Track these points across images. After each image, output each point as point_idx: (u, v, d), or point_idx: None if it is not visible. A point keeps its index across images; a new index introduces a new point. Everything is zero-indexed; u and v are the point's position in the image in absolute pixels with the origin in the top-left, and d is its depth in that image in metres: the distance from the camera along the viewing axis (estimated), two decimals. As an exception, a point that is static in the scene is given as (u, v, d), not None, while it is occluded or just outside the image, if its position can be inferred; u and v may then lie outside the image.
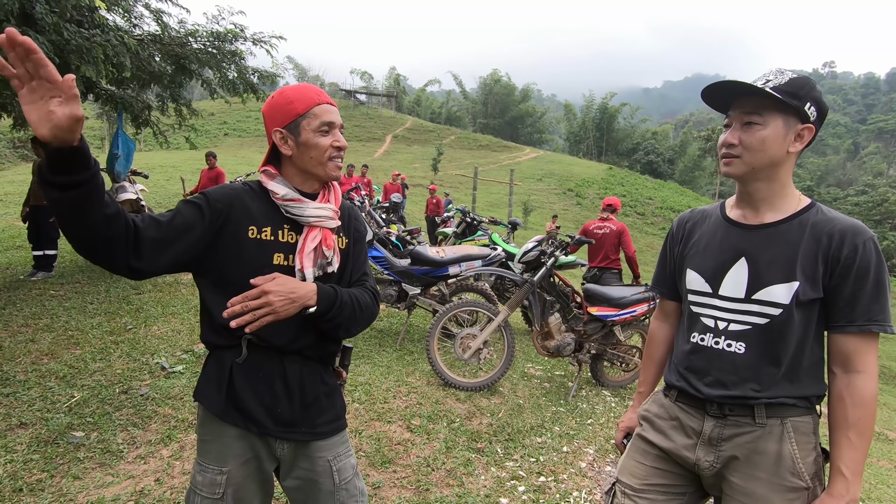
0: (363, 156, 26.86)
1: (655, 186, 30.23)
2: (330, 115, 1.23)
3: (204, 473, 1.20)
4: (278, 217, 1.23)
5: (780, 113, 1.15)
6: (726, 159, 1.22)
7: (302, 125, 1.21)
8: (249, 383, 1.20)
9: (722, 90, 1.20)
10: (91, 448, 2.49)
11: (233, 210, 1.19)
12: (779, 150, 1.16)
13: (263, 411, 1.20)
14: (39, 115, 0.85)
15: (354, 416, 3.07)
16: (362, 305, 1.28)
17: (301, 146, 1.22)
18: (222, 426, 1.21)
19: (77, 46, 3.87)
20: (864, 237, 1.13)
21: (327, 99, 1.25)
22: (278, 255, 1.21)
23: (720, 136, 1.24)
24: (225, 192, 1.21)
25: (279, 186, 1.23)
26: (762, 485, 1.18)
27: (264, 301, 1.09)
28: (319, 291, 1.18)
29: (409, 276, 4.52)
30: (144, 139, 20.33)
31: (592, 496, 2.58)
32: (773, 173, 1.20)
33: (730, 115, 1.21)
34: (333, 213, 1.27)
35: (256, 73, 6.08)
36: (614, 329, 4.07)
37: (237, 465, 1.21)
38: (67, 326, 4.03)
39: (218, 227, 1.17)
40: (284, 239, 1.22)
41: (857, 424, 1.12)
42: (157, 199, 11.64)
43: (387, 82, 55.20)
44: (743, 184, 1.24)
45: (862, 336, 1.14)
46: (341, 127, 1.27)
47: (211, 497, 1.18)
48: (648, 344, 1.54)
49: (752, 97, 1.16)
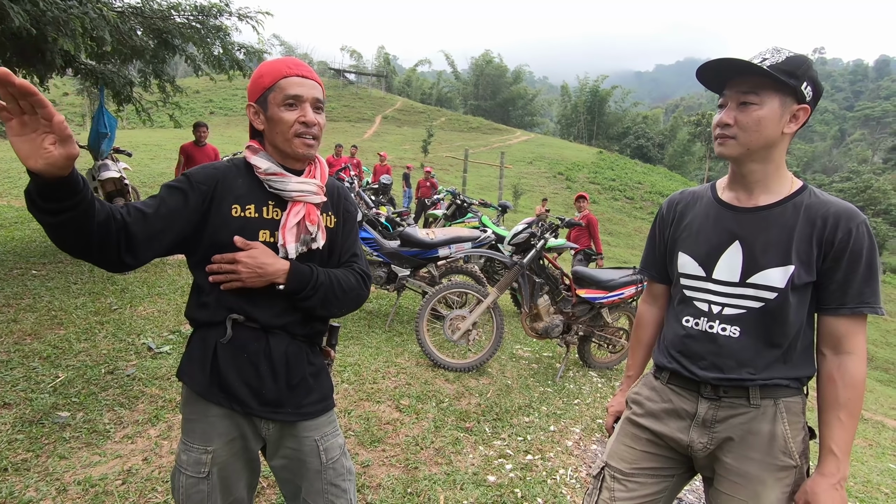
0: (352, 136, 26.54)
1: (645, 171, 30.35)
2: (296, 87, 1.17)
3: (189, 452, 1.19)
4: (262, 193, 1.21)
5: (777, 92, 1.13)
6: (721, 140, 1.19)
7: (269, 99, 1.18)
8: (234, 363, 1.18)
9: (718, 68, 1.17)
10: (77, 428, 2.47)
11: (216, 190, 1.17)
12: (774, 131, 1.15)
13: (248, 391, 1.19)
14: (31, 149, 0.83)
15: (344, 396, 3.08)
16: (344, 287, 1.26)
17: (269, 121, 1.19)
18: (207, 405, 1.20)
19: (54, 18, 3.73)
20: (857, 221, 1.13)
21: (298, 71, 1.19)
22: (263, 232, 1.19)
23: (714, 116, 1.22)
24: (207, 173, 1.18)
25: (261, 161, 1.21)
26: (755, 465, 1.19)
27: (232, 268, 1.14)
28: (292, 270, 1.18)
29: (399, 258, 4.50)
30: (127, 116, 19.87)
31: (578, 474, 2.63)
32: (767, 154, 1.18)
33: (725, 94, 1.19)
34: (318, 188, 1.24)
35: (243, 48, 5.93)
36: (602, 311, 4.11)
37: (222, 444, 1.20)
38: (51, 306, 3.96)
39: (204, 210, 1.15)
40: (269, 215, 1.20)
41: (848, 405, 1.14)
42: (140, 178, 11.44)
43: (377, 62, 54.33)
44: (737, 165, 1.22)
45: (853, 318, 1.15)
46: (316, 101, 1.20)
47: (196, 476, 1.18)
48: (637, 327, 1.53)
49: (749, 76, 1.14)
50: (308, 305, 1.22)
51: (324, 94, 1.26)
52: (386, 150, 17.21)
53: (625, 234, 19.16)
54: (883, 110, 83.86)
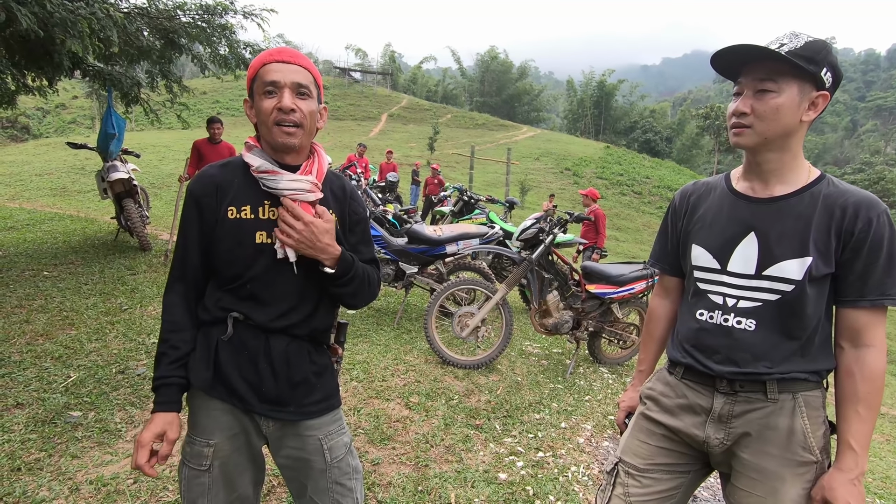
0: (358, 135, 26.55)
1: (653, 165, 30.08)
2: (274, 73, 1.12)
3: (192, 445, 1.20)
4: (258, 193, 1.18)
5: (796, 79, 1.09)
6: (737, 129, 1.16)
7: (254, 89, 1.16)
8: (234, 360, 1.18)
9: (734, 55, 1.14)
10: (89, 427, 2.49)
11: (218, 195, 1.17)
12: (793, 119, 1.11)
13: (248, 388, 1.18)
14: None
15: (353, 394, 3.07)
16: (370, 281, 1.31)
17: (256, 113, 1.17)
18: (209, 400, 1.20)
19: (61, 19, 3.74)
20: (878, 210, 1.10)
21: (279, 57, 1.14)
22: (260, 234, 1.17)
23: (730, 105, 1.18)
24: (204, 183, 1.18)
25: (254, 158, 1.18)
26: (774, 460, 1.16)
27: (292, 225, 1.12)
28: (342, 257, 1.19)
29: (407, 255, 4.49)
30: (136, 118, 20.02)
31: (590, 471, 2.61)
32: (785, 143, 1.15)
33: (740, 82, 1.15)
34: (312, 185, 1.18)
35: (248, 47, 5.93)
36: (612, 306, 4.07)
37: (224, 438, 1.20)
38: (62, 307, 4.00)
39: (212, 222, 1.17)
40: (265, 216, 1.17)
41: (867, 398, 1.11)
42: (149, 179, 11.52)
43: (382, 59, 54.28)
44: (753, 155, 1.18)
45: (873, 310, 1.12)
46: (297, 86, 1.13)
47: (198, 468, 1.18)
48: (648, 321, 1.50)
49: (766, 62, 1.10)
50: (342, 292, 1.24)
51: (317, 79, 1.20)
52: (392, 147, 17.19)
53: (633, 229, 19.01)
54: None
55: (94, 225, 7.31)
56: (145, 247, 5.89)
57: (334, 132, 28.19)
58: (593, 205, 7.17)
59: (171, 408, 1.16)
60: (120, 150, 5.92)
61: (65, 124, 30.23)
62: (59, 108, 32.30)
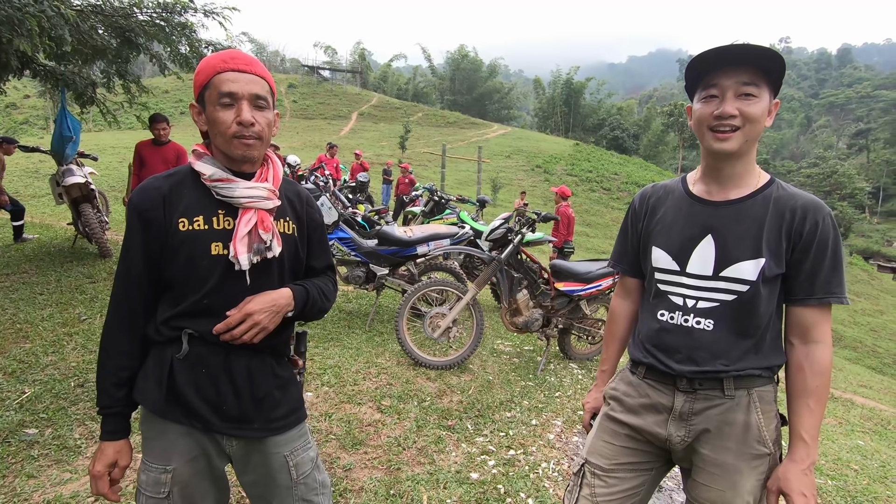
0: (328, 134, 26.21)
1: (621, 162, 30.73)
2: (231, 84, 1.08)
3: (147, 472, 1.13)
4: (211, 202, 1.13)
5: (767, 86, 1.14)
6: (723, 133, 1.14)
7: (206, 97, 1.11)
8: (191, 379, 1.12)
9: (734, 55, 1.11)
10: (46, 445, 2.39)
11: (164, 210, 1.11)
12: (763, 125, 1.16)
13: (208, 408, 1.13)
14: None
15: (324, 399, 3.05)
16: (326, 294, 1.31)
17: (208, 122, 1.13)
18: (164, 423, 1.14)
19: (7, 17, 3.57)
20: (823, 213, 1.15)
21: (233, 65, 1.09)
22: (216, 245, 1.11)
23: (700, 106, 1.18)
24: (149, 196, 1.12)
25: (206, 166, 1.13)
26: (731, 454, 1.20)
27: (252, 322, 1.11)
28: (294, 295, 1.19)
29: (377, 257, 4.46)
30: (93, 118, 19.24)
31: (560, 466, 2.65)
32: (751, 148, 1.19)
33: (717, 84, 1.15)
34: (269, 192, 1.15)
35: (210, 46, 5.77)
36: (580, 303, 4.15)
37: (183, 462, 1.14)
38: (15, 319, 3.82)
39: (162, 237, 1.11)
40: (220, 226, 1.13)
41: (816, 392, 1.17)
42: (109, 182, 11.12)
43: (351, 57, 53.72)
44: (726, 160, 1.19)
45: (820, 308, 1.18)
46: (255, 98, 1.10)
47: (155, 497, 1.12)
48: (610, 321, 1.53)
49: (751, 67, 1.11)
50: (301, 319, 1.25)
51: (272, 87, 1.17)
52: (363, 147, 17.05)
53: (602, 225, 19.40)
54: (846, 97, 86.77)
55: (49, 231, 7.00)
56: (105, 253, 5.66)
57: (303, 131, 27.73)
58: (563, 203, 7.28)
59: (119, 436, 1.13)
60: (76, 153, 5.67)
61: (16, 125, 28.75)
62: (9, 108, 30.77)
